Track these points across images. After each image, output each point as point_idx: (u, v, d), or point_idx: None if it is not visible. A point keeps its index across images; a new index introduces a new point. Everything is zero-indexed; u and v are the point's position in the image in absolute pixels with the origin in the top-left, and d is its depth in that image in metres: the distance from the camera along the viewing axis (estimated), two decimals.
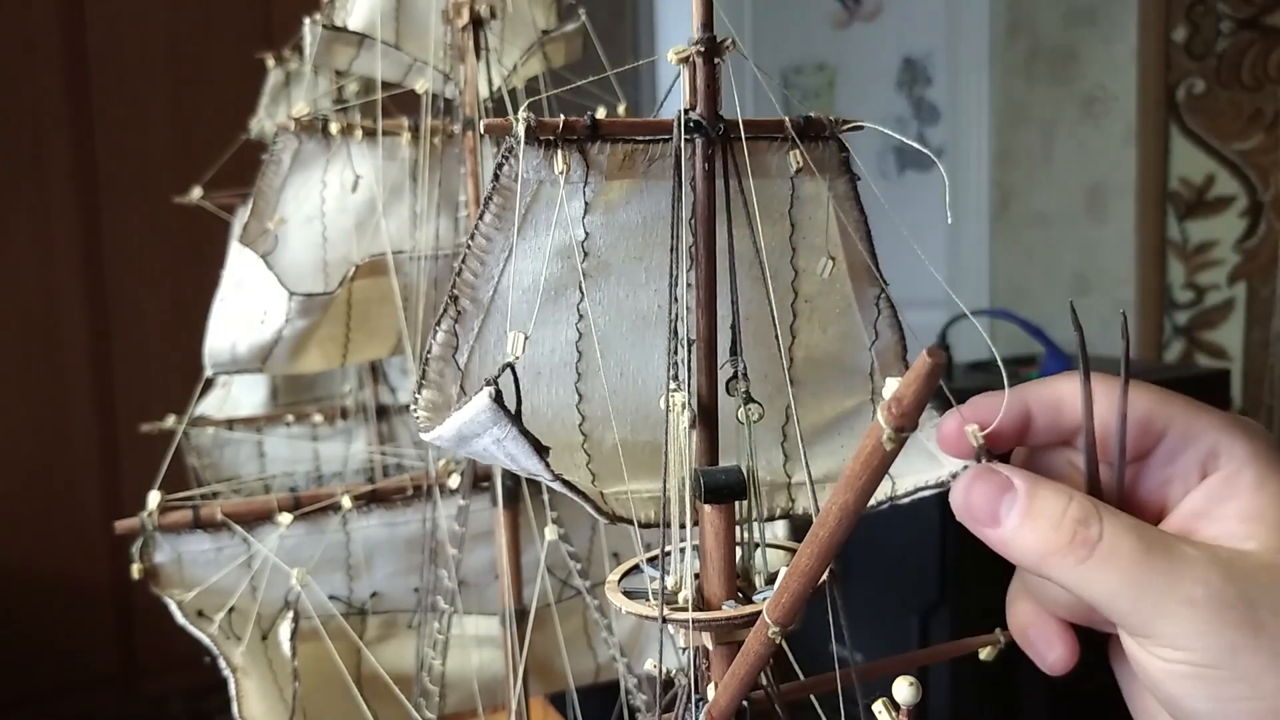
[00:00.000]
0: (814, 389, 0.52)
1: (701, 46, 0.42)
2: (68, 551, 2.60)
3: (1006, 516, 0.39)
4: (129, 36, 2.65)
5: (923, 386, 0.29)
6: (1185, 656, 0.36)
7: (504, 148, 0.44)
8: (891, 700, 0.41)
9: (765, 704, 0.48)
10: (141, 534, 0.91)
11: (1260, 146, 2.37)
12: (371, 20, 0.97)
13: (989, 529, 0.39)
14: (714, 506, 0.45)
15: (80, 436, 2.64)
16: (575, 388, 0.48)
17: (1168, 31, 2.48)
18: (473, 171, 0.93)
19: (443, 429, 0.42)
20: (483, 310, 0.46)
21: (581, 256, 0.46)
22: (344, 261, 1.02)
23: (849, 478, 0.33)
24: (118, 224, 2.65)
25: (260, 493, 1.24)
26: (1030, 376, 1.93)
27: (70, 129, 2.60)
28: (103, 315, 2.66)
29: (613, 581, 0.48)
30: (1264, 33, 2.33)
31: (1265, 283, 2.39)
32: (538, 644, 1.00)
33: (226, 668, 0.91)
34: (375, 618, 1.03)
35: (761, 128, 0.46)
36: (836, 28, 3.34)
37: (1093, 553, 0.37)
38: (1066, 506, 0.38)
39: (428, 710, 0.99)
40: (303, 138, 1.01)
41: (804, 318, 0.50)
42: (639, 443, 0.49)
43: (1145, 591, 0.36)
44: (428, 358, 0.46)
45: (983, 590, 1.61)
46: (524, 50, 0.99)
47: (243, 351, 0.99)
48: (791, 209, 0.48)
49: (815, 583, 0.38)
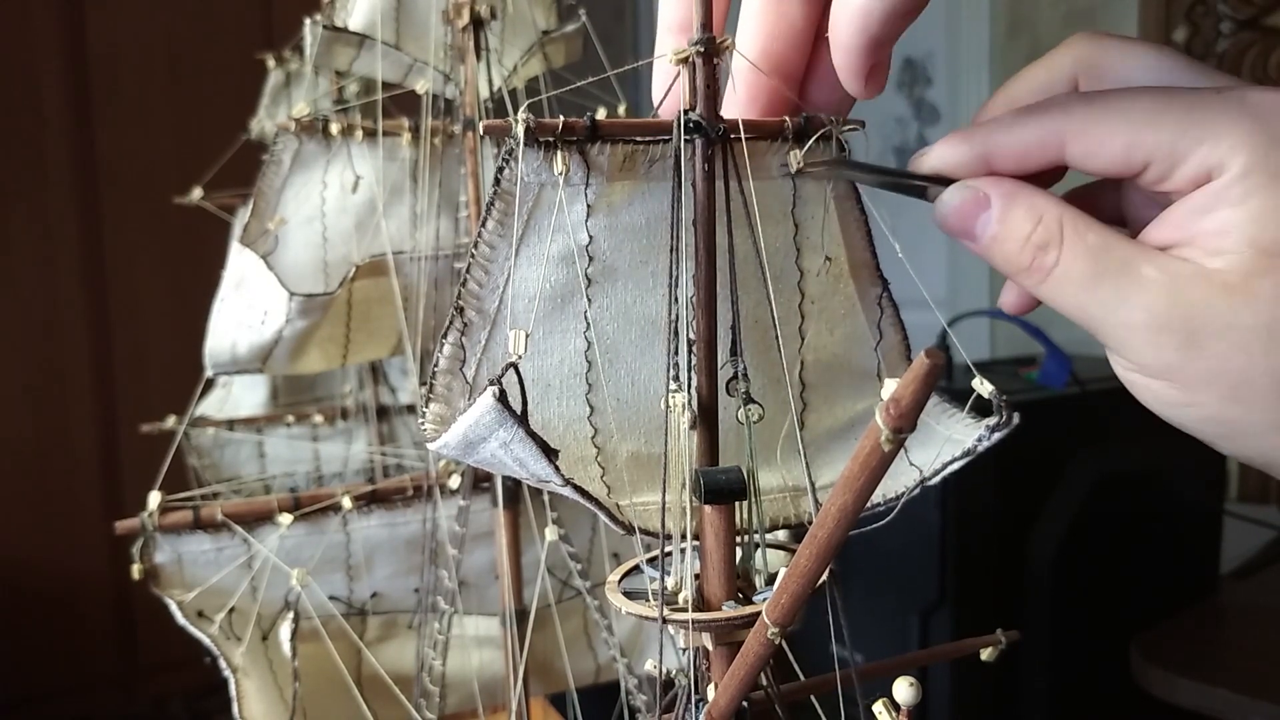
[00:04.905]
0: (825, 393, 0.51)
1: (701, 47, 0.42)
2: (68, 552, 2.61)
3: (982, 233, 0.41)
4: (129, 36, 2.65)
5: (921, 388, 0.29)
6: (1133, 367, 0.39)
7: (504, 150, 0.44)
8: (892, 700, 0.42)
9: (765, 704, 0.48)
10: (142, 534, 0.91)
11: None
12: (372, 21, 0.97)
13: (968, 241, 0.42)
14: (714, 507, 0.45)
15: (80, 437, 2.64)
16: (586, 399, 0.47)
17: (1168, 32, 2.48)
18: (473, 172, 0.93)
19: (448, 436, 0.41)
20: (489, 321, 0.45)
21: (586, 261, 0.46)
22: (344, 262, 1.02)
23: (847, 479, 0.33)
24: (118, 224, 2.65)
25: (260, 493, 1.24)
26: (1030, 376, 1.91)
27: (70, 129, 2.60)
28: (103, 315, 2.66)
29: (613, 582, 0.48)
30: (1264, 34, 2.33)
31: None
32: (538, 644, 1.00)
33: (227, 668, 0.91)
34: (375, 618, 1.03)
35: (761, 128, 0.46)
36: None
37: (1048, 277, 0.40)
38: (1033, 230, 0.40)
39: (428, 711, 0.99)
40: (303, 138, 1.01)
41: (811, 319, 0.50)
42: (653, 455, 0.48)
43: (1091, 316, 0.39)
44: (434, 371, 0.45)
45: (983, 590, 1.61)
46: (524, 51, 0.99)
47: (243, 352, 0.99)
48: (794, 209, 0.48)
49: (815, 583, 0.38)
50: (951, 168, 0.42)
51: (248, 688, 0.91)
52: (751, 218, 0.46)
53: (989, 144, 0.41)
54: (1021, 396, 1.69)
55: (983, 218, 0.41)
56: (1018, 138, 0.41)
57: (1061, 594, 1.63)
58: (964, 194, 0.41)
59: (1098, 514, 1.66)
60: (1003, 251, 0.41)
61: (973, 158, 0.42)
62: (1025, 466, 1.64)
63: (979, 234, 0.41)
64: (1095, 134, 0.39)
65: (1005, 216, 0.40)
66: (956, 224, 0.42)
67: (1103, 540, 1.67)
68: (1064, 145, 0.40)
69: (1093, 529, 1.66)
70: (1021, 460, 1.63)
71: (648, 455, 0.49)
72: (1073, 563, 1.64)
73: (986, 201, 0.41)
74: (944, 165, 0.42)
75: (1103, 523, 1.67)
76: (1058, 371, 1.74)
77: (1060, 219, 0.40)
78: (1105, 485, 1.67)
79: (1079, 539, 1.64)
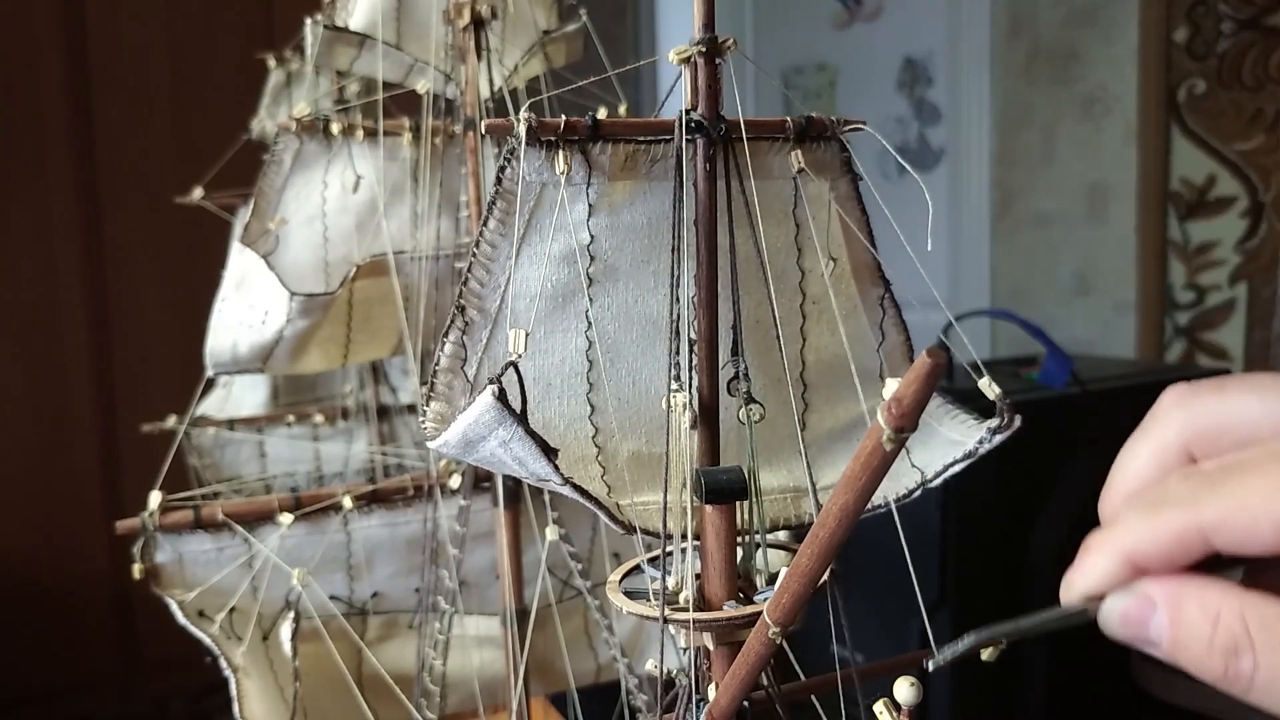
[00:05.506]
0: (827, 393, 0.51)
1: (703, 47, 0.42)
2: (68, 551, 2.60)
3: (1159, 639, 0.36)
4: (129, 36, 2.65)
5: (923, 387, 0.29)
6: None
7: (506, 150, 0.44)
8: (892, 700, 0.42)
9: (766, 704, 0.48)
10: (143, 534, 0.91)
11: (1261, 147, 2.37)
12: (373, 21, 0.97)
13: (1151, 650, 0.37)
14: (715, 507, 0.45)
15: (81, 436, 2.64)
16: (587, 399, 0.47)
17: (1169, 32, 2.48)
18: (474, 172, 0.93)
19: (448, 434, 0.41)
20: (490, 320, 0.46)
21: (588, 260, 0.45)
22: (345, 262, 1.02)
23: (849, 478, 0.33)
24: (118, 224, 2.65)
25: (261, 493, 1.24)
26: (1030, 376, 1.91)
27: (70, 129, 2.60)
28: (103, 315, 2.66)
29: (614, 582, 0.48)
30: (1265, 33, 2.33)
31: (1266, 283, 2.39)
32: (539, 644, 1.00)
33: (227, 668, 0.91)
34: (376, 618, 1.03)
35: (763, 128, 0.46)
36: (837, 28, 3.34)
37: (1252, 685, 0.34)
38: (1213, 631, 0.35)
39: (429, 710, 0.99)
40: (304, 138, 1.01)
41: (813, 319, 0.50)
42: (654, 454, 0.48)
43: None
44: (436, 370, 0.45)
45: (983, 590, 1.61)
46: (525, 51, 0.99)
47: (244, 351, 0.99)
48: (795, 209, 0.48)
49: (816, 583, 0.38)
50: (1104, 587, 0.38)
51: (248, 687, 0.91)
52: (753, 218, 0.46)
53: (1128, 552, 0.37)
54: (1021, 396, 1.69)
55: (1154, 623, 0.36)
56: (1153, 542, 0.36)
57: None
58: (1126, 601, 0.37)
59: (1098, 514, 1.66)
60: (1190, 659, 0.35)
61: (1120, 570, 0.37)
62: (1025, 466, 1.64)
63: (1156, 639, 0.36)
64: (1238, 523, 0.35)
65: (1177, 620, 0.35)
66: (1129, 634, 0.37)
67: None
68: (1206, 540, 0.35)
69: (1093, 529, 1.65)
70: (1021, 460, 1.63)
71: (649, 455, 0.49)
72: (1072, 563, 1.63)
73: (1152, 604, 0.36)
74: (1094, 588, 0.38)
75: None
76: (1058, 371, 1.74)
77: (1241, 613, 0.35)
78: None
79: (1079, 539, 1.64)
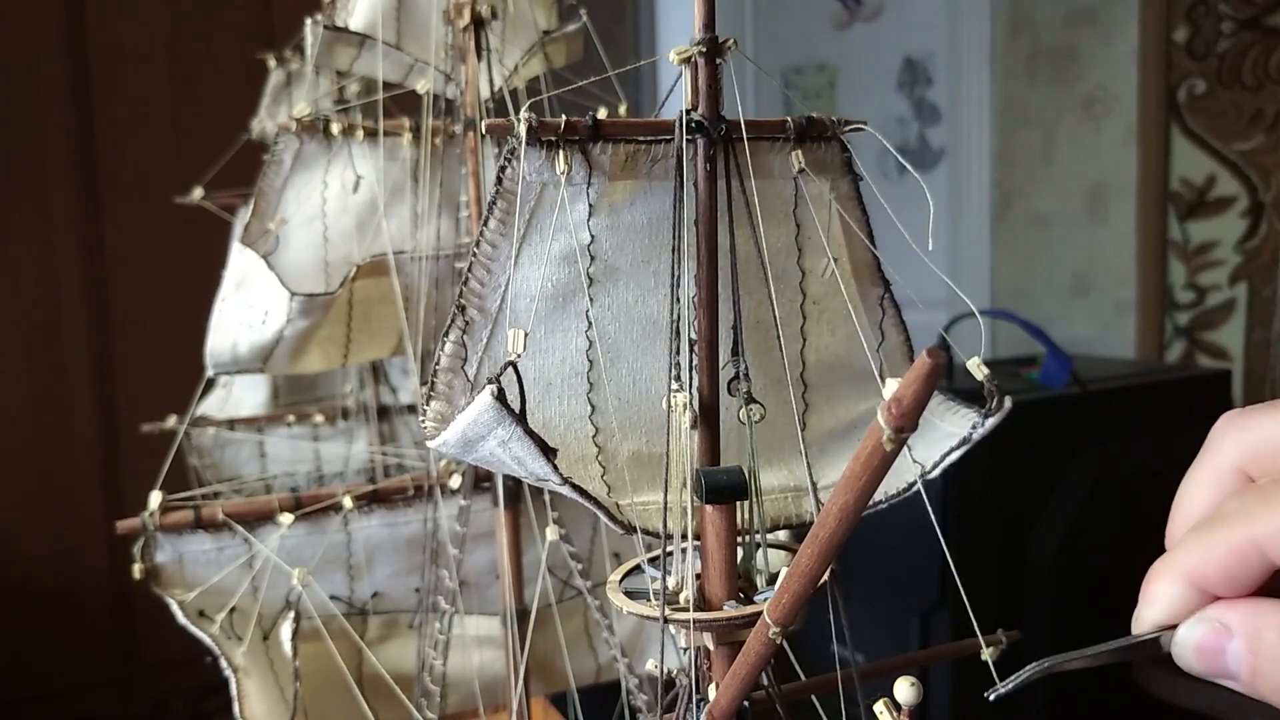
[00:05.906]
0: (827, 393, 0.51)
1: (703, 47, 0.42)
2: (68, 551, 2.60)
3: (1237, 668, 0.35)
4: (129, 36, 2.65)
5: (923, 387, 0.29)
6: None
7: (506, 150, 0.44)
8: (892, 700, 0.42)
9: (766, 704, 0.48)
10: (143, 534, 0.91)
11: (1261, 147, 2.37)
12: (373, 21, 0.97)
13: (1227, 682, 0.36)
14: (715, 507, 0.45)
15: (81, 436, 2.64)
16: (587, 398, 0.47)
17: (1169, 32, 2.48)
18: (474, 172, 0.93)
19: (447, 434, 0.41)
20: (490, 320, 0.46)
21: (588, 260, 0.46)
22: (345, 262, 1.02)
23: (849, 478, 0.33)
24: (118, 224, 2.65)
25: (261, 493, 1.24)
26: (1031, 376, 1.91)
27: (71, 129, 2.60)
28: (103, 315, 2.66)
29: (614, 582, 0.48)
30: (1265, 33, 2.33)
31: (1266, 283, 2.39)
32: (539, 644, 1.00)
33: (228, 668, 0.91)
34: (376, 618, 1.03)
35: (763, 128, 0.46)
36: (837, 28, 3.34)
37: None
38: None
39: (429, 710, 0.99)
40: (304, 138, 1.01)
41: (813, 319, 0.50)
42: (654, 454, 0.48)
43: None
44: (436, 369, 0.45)
45: (983, 590, 1.61)
46: (525, 51, 0.99)
47: (244, 351, 0.99)
48: (796, 209, 0.48)
49: (816, 583, 0.38)
50: (1173, 615, 0.37)
51: (249, 687, 0.91)
52: (754, 218, 0.46)
53: (1189, 574, 0.36)
54: (1022, 396, 1.69)
55: (1231, 651, 0.35)
56: (1211, 560, 0.36)
57: (1061, 594, 1.63)
58: (1199, 630, 0.36)
59: (1098, 514, 1.66)
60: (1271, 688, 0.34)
61: (1187, 594, 0.36)
62: (1025, 466, 1.64)
63: (1235, 670, 0.35)
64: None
65: (1256, 647, 0.34)
66: (1204, 666, 0.36)
67: (1103, 540, 1.67)
68: (1264, 554, 0.35)
69: (1093, 529, 1.66)
70: (1021, 460, 1.63)
71: (649, 455, 0.49)
72: (1073, 563, 1.64)
73: (1227, 632, 0.35)
74: (1166, 616, 0.37)
75: (1103, 523, 1.67)
76: (1058, 371, 1.74)
77: None
78: (1105, 485, 1.66)
79: (1079, 539, 1.64)
